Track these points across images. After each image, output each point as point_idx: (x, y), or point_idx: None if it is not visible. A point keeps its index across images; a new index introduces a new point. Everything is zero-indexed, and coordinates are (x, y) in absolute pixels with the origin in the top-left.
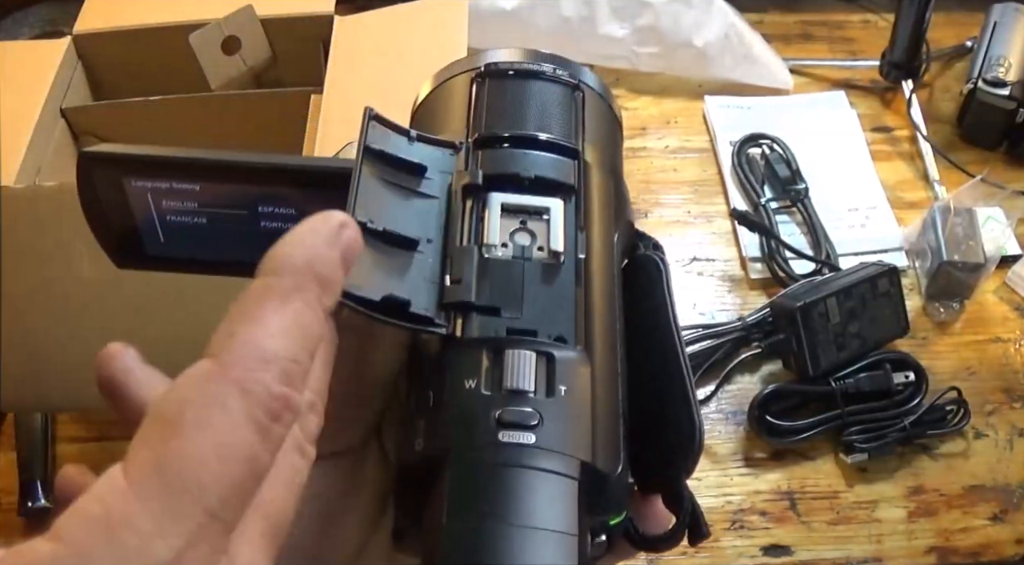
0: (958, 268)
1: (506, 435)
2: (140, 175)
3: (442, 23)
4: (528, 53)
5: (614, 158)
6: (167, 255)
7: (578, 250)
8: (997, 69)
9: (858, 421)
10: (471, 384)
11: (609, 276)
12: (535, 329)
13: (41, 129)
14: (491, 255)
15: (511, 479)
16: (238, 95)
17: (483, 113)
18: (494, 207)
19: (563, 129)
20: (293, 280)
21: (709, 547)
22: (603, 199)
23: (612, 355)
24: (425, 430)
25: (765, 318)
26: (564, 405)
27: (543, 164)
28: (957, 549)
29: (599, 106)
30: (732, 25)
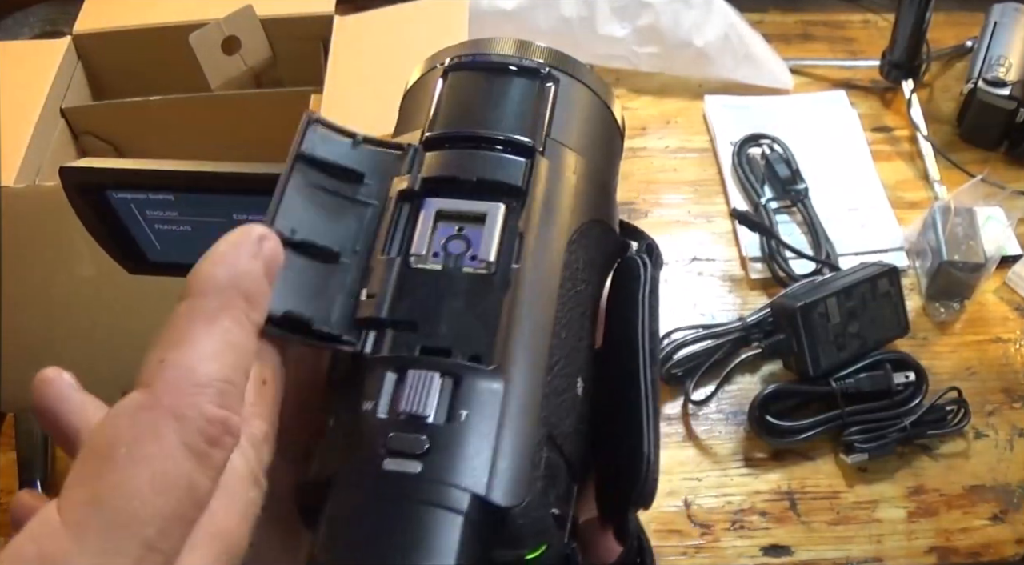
0: (958, 268)
1: (391, 463)
2: (119, 187)
3: (442, 23)
4: (509, 43)
5: (597, 155)
6: (167, 261)
7: (514, 259)
8: (997, 69)
9: (858, 421)
10: (368, 406)
11: (548, 287)
12: (450, 347)
13: (41, 129)
14: (418, 266)
15: (390, 512)
16: (238, 95)
17: (438, 112)
18: (427, 214)
19: (519, 125)
20: (219, 299)
21: (709, 547)
22: (560, 201)
23: (536, 375)
24: (319, 454)
25: (765, 318)
26: (462, 431)
27: (488, 165)
28: (957, 549)
29: (586, 102)
30: (732, 25)
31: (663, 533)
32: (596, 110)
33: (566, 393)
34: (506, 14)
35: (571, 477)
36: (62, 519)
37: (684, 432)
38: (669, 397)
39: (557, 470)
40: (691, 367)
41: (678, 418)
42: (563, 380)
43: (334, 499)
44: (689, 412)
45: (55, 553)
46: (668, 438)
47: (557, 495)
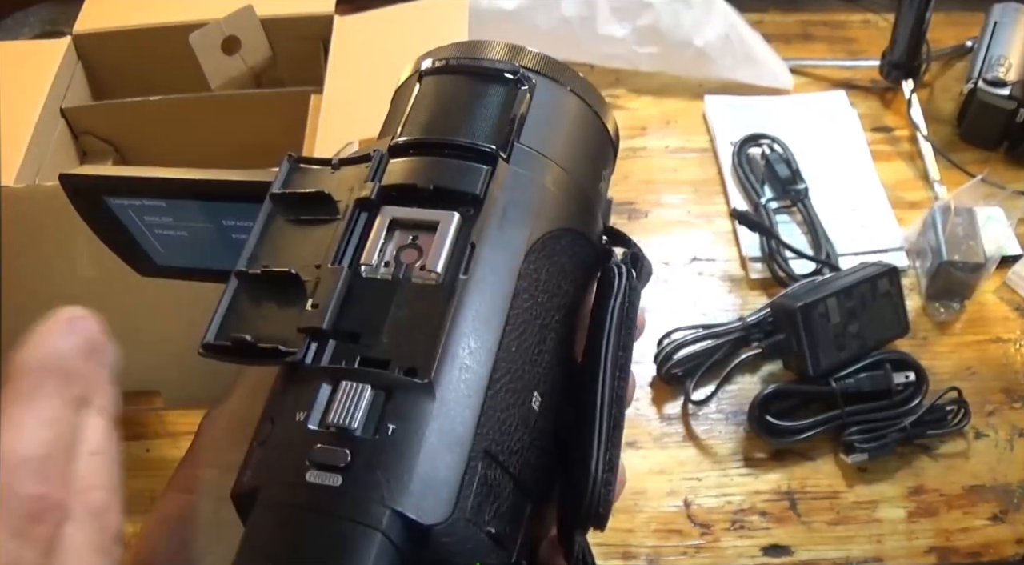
0: (958, 268)
1: (314, 475)
2: (115, 194)
3: (442, 23)
4: (498, 47)
5: (574, 163)
6: (173, 265)
7: (462, 269)
8: (997, 69)
9: (858, 421)
10: (301, 416)
11: (498, 299)
12: (388, 359)
13: (41, 129)
14: (368, 275)
15: (306, 525)
16: (238, 95)
17: (409, 117)
18: (382, 223)
19: (484, 131)
20: (31, 380)
21: (709, 547)
22: (521, 209)
23: (475, 390)
24: (254, 462)
25: (765, 318)
26: (387, 446)
27: (446, 173)
28: (957, 549)
29: (570, 109)
30: (732, 25)
31: (663, 533)
32: (582, 118)
33: (514, 408)
34: (506, 14)
35: (523, 494)
36: None
37: (684, 432)
38: (669, 397)
39: (498, 487)
40: (691, 367)
41: (678, 418)
42: (511, 395)
43: (257, 509)
44: (689, 412)
45: None
46: (668, 438)
47: (496, 512)
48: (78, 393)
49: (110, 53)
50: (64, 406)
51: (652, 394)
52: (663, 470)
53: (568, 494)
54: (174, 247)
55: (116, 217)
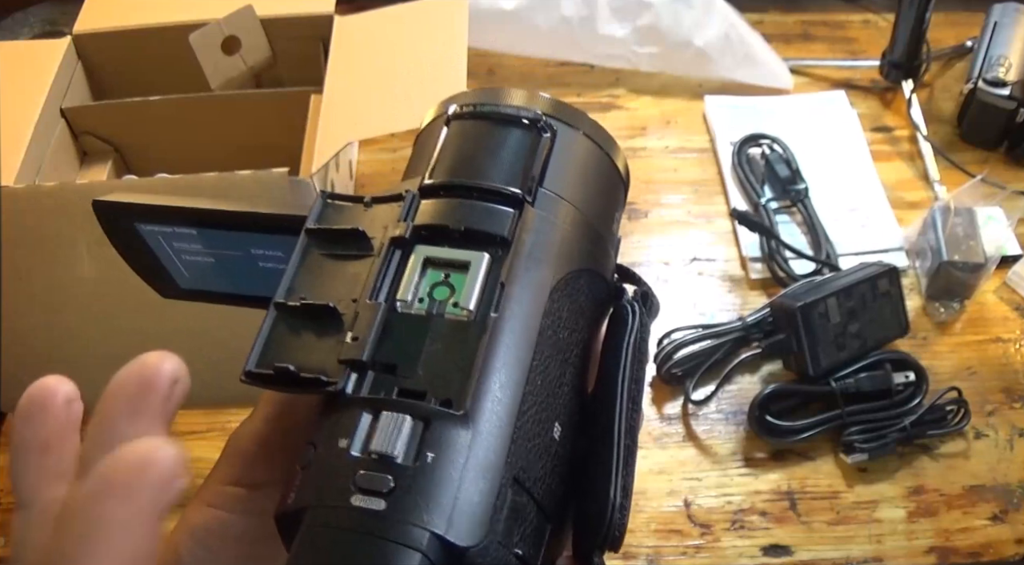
0: (958, 268)
1: (359, 499)
2: (146, 220)
3: (442, 23)
4: (521, 96)
5: (591, 206)
6: (197, 288)
7: (493, 307)
8: (997, 69)
9: (858, 421)
10: (344, 443)
11: (525, 335)
12: (425, 391)
13: (41, 129)
14: (404, 311)
15: (353, 546)
16: (238, 95)
17: (439, 159)
18: (416, 261)
19: (511, 176)
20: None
21: (709, 547)
22: (546, 250)
23: (506, 421)
24: (297, 485)
25: (765, 318)
26: (427, 473)
27: (476, 215)
28: (957, 549)
29: (585, 153)
30: (732, 25)
31: (663, 533)
32: (595, 160)
33: (539, 438)
34: (506, 14)
35: (544, 518)
36: None
37: (684, 432)
38: (669, 397)
39: (524, 512)
40: (691, 367)
41: (678, 418)
42: (536, 425)
43: (304, 530)
44: (689, 412)
45: None
46: (668, 438)
47: (523, 535)
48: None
49: (110, 53)
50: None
51: (652, 394)
52: (663, 470)
53: (585, 518)
54: (200, 272)
55: (145, 241)
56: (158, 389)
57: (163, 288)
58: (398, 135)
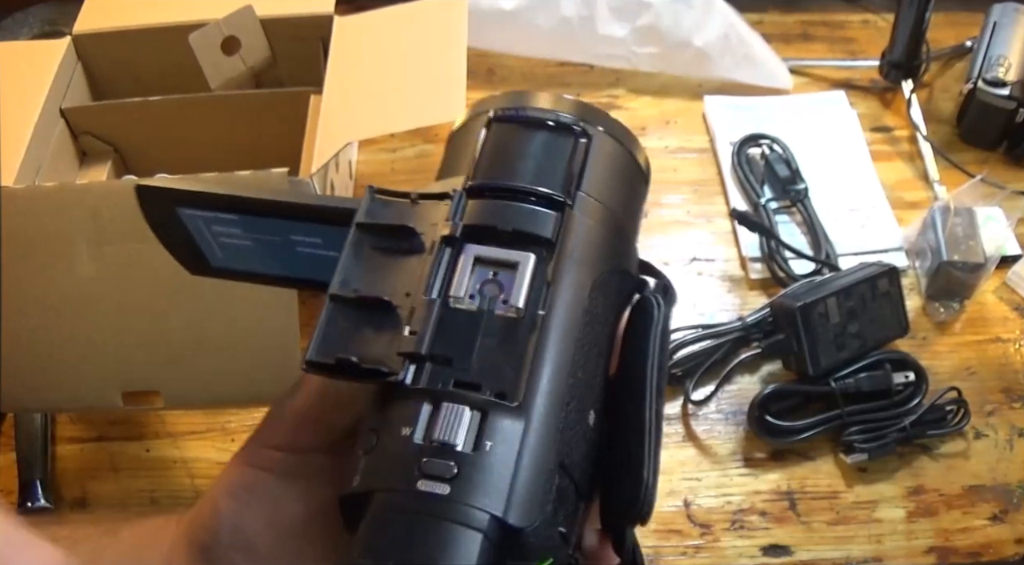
0: (958, 268)
1: (424, 484)
2: (188, 205)
3: (442, 23)
4: (550, 99)
5: (620, 206)
6: (227, 267)
7: (541, 305)
8: (997, 69)
9: (858, 421)
10: (407, 431)
11: (570, 332)
12: (480, 383)
13: (41, 129)
14: (457, 306)
15: (420, 527)
16: (238, 95)
17: (482, 160)
18: (466, 259)
19: (553, 180)
20: None
21: (709, 547)
22: (585, 252)
23: (554, 412)
24: (362, 468)
25: (765, 318)
26: (486, 460)
27: (523, 217)
28: (957, 549)
29: (612, 153)
30: (732, 25)
31: (663, 533)
32: (621, 160)
33: (579, 426)
34: (506, 14)
35: (579, 498)
36: None
37: (684, 432)
38: (669, 397)
39: (566, 493)
40: (691, 367)
41: (678, 418)
42: (577, 414)
43: (373, 512)
44: (689, 412)
45: None
46: (668, 438)
47: (565, 515)
48: None
49: (110, 53)
50: None
51: None
52: (663, 470)
53: (618, 496)
54: (234, 253)
55: (184, 224)
56: None
57: (194, 266)
58: (398, 135)
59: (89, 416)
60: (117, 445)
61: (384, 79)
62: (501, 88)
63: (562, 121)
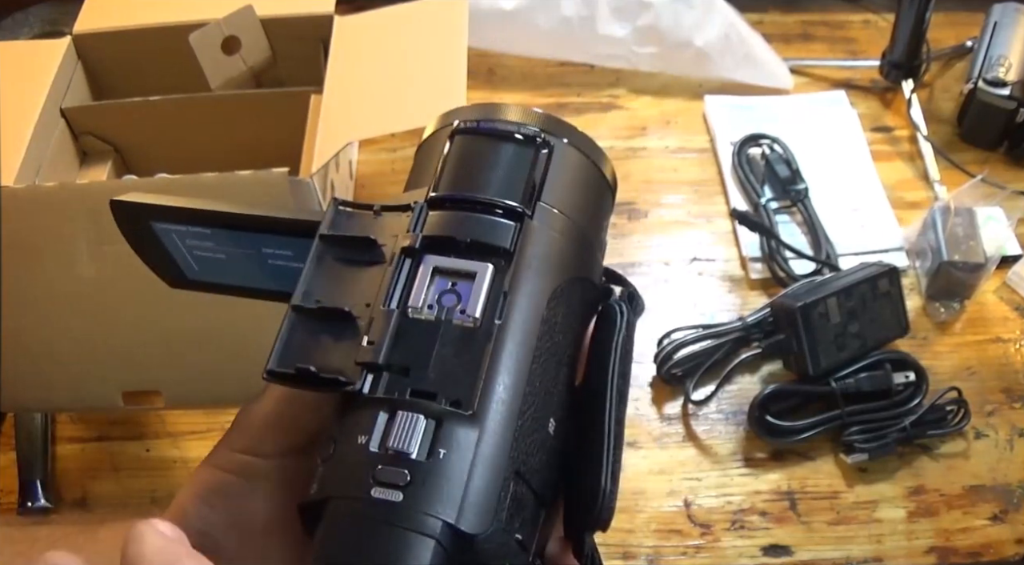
0: (958, 268)
1: (378, 491)
2: (161, 220)
3: (442, 23)
4: (516, 111)
5: (583, 216)
6: (204, 280)
7: (497, 314)
8: (997, 69)
9: (858, 421)
10: (363, 440)
11: (527, 341)
12: (436, 392)
13: (41, 129)
14: (415, 316)
15: (373, 533)
16: (238, 95)
17: (444, 172)
18: (425, 270)
19: (513, 191)
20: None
21: (709, 547)
22: (544, 261)
23: (510, 420)
24: (319, 476)
25: (765, 318)
26: (439, 468)
27: (481, 227)
28: (957, 549)
29: (576, 165)
30: (732, 25)
31: (663, 533)
32: (585, 172)
33: (536, 434)
34: (506, 14)
35: (538, 505)
36: None
37: (684, 432)
38: (669, 397)
39: (524, 501)
40: (691, 367)
41: (678, 418)
42: (534, 422)
43: (328, 518)
44: (689, 412)
45: None
46: (668, 438)
47: (522, 522)
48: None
49: (110, 53)
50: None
51: (652, 394)
52: (663, 470)
53: (577, 503)
54: (209, 266)
55: (158, 238)
56: None
57: (171, 279)
58: (398, 135)
59: (89, 416)
60: (117, 445)
61: (384, 79)
62: (501, 88)
63: (525, 133)
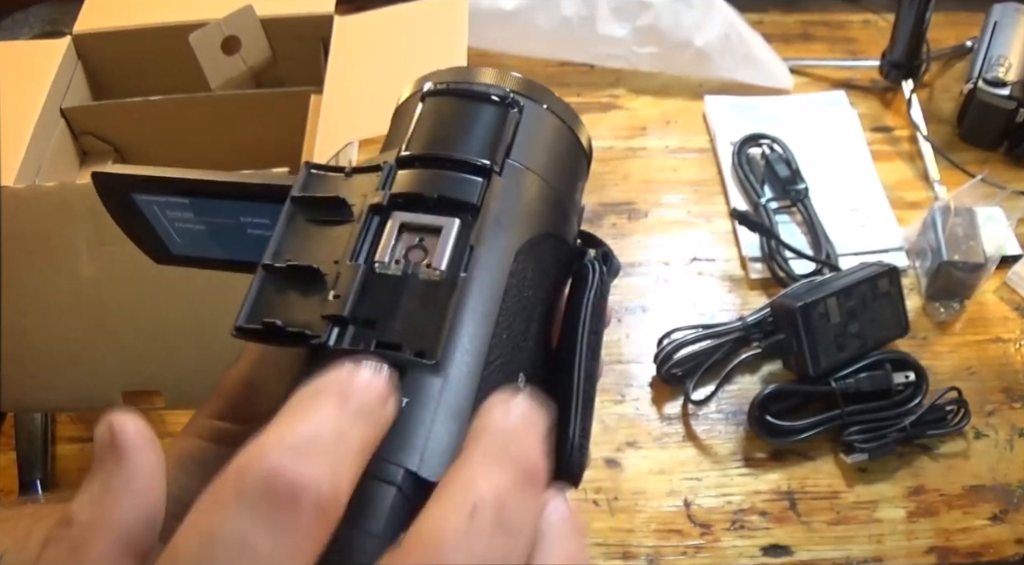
0: (958, 268)
1: None
2: (141, 191)
3: (442, 23)
4: (492, 74)
5: (556, 177)
6: (188, 254)
7: (463, 267)
8: (997, 69)
9: (858, 421)
10: None
11: (493, 293)
12: (400, 343)
13: (41, 129)
14: (382, 271)
15: None
16: (238, 95)
17: (415, 132)
18: (393, 225)
19: (479, 148)
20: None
21: (709, 547)
22: (512, 217)
23: (474, 370)
24: None
25: (765, 318)
26: (402, 416)
27: (449, 183)
28: (957, 549)
29: (551, 127)
30: (732, 25)
31: (663, 533)
32: (560, 134)
33: (504, 385)
34: (506, 14)
35: None
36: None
37: (684, 432)
38: (669, 397)
39: None
40: (691, 367)
41: (678, 418)
42: (501, 375)
43: None
44: (689, 412)
45: None
46: (668, 438)
47: None
48: (353, 408)
49: (110, 53)
50: (339, 413)
51: (652, 394)
52: (663, 470)
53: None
54: (192, 239)
55: (141, 211)
56: None
57: (157, 254)
58: None
59: (89, 416)
60: None
61: (384, 79)
62: None
63: (496, 94)
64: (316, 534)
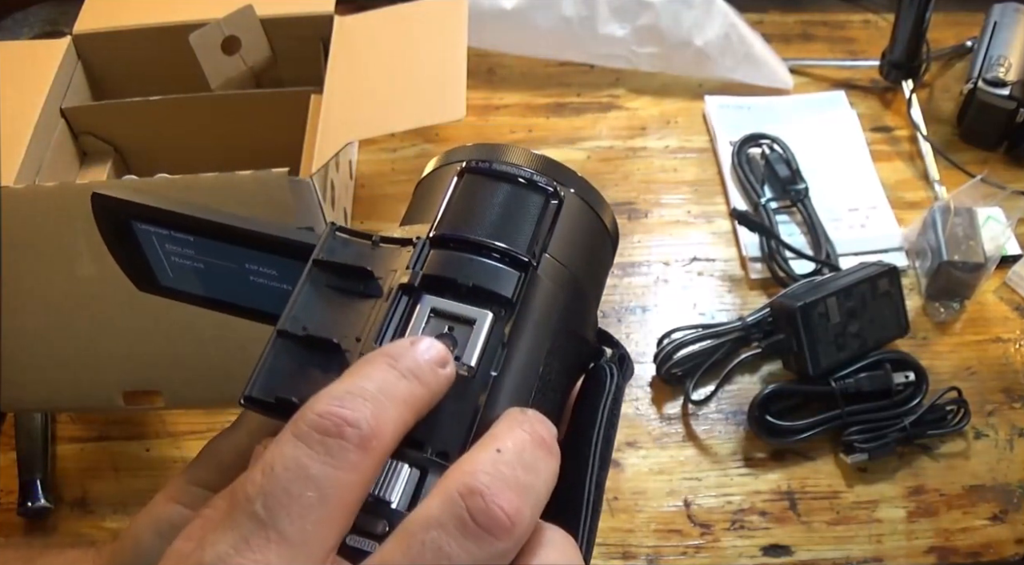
0: (958, 268)
1: (353, 540)
2: (143, 220)
3: (442, 23)
4: (523, 155)
5: (584, 271)
6: (177, 288)
7: (494, 366)
8: (997, 69)
9: (858, 421)
10: None
11: (522, 396)
12: (423, 440)
13: (41, 129)
14: None
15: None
16: (238, 95)
17: (448, 210)
18: (422, 310)
19: (520, 238)
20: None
21: (709, 547)
22: (545, 315)
23: None
24: None
25: (765, 318)
26: None
27: (484, 273)
28: (957, 549)
29: (581, 216)
30: (732, 25)
31: (663, 533)
32: (588, 222)
33: None
34: (506, 14)
35: None
36: None
37: (684, 432)
38: (669, 397)
39: None
40: (691, 367)
41: (678, 418)
42: None
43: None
44: (689, 412)
45: None
46: (668, 438)
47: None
48: (402, 368)
49: (110, 53)
50: (387, 371)
51: (652, 394)
52: (663, 470)
53: None
54: (186, 274)
55: (136, 238)
56: None
57: (141, 282)
58: (398, 135)
59: (89, 416)
60: (117, 445)
61: (384, 79)
62: (501, 88)
63: (537, 181)
64: (360, 465)
